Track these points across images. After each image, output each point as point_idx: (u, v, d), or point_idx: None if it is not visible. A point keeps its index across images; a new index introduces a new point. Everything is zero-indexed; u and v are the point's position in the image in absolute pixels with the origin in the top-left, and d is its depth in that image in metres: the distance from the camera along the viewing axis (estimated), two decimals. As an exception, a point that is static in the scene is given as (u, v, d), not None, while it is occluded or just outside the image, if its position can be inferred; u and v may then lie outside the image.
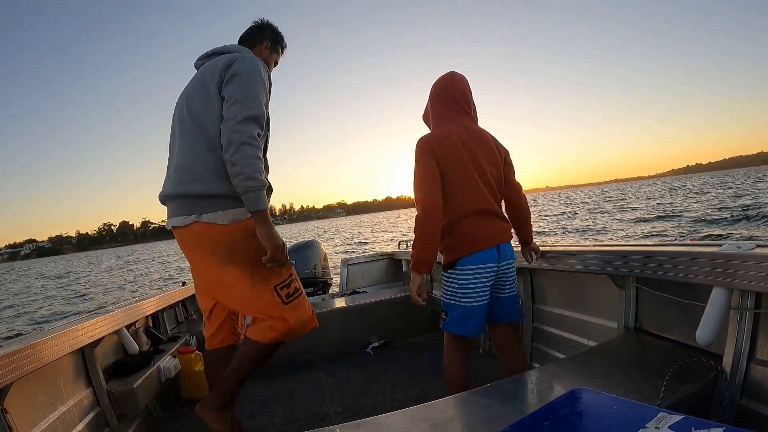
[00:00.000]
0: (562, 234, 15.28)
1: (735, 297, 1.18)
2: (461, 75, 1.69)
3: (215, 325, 1.70)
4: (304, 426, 1.99)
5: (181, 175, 1.47)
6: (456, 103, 1.65)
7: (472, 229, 1.53)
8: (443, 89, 1.67)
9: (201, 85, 1.51)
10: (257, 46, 1.75)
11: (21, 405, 1.43)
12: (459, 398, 1.21)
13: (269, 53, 1.77)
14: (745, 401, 1.15)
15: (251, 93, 1.44)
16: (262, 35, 1.76)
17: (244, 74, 1.46)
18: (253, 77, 1.47)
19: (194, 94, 1.52)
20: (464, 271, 1.54)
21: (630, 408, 0.83)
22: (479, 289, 1.54)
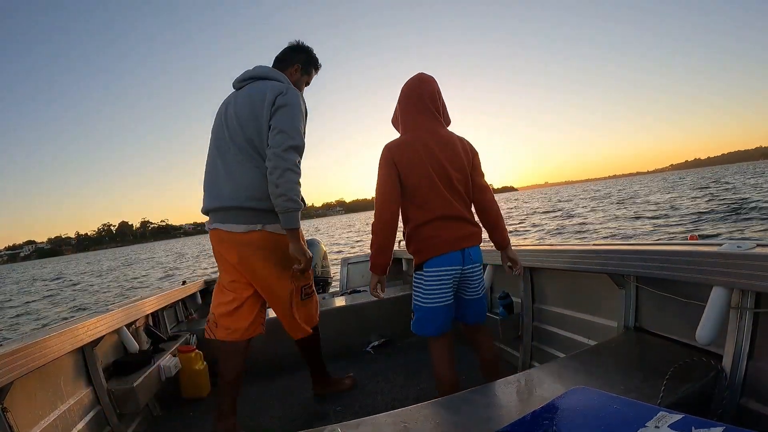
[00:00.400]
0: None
1: (735, 296, 1.19)
2: (430, 77, 1.69)
3: (252, 314, 1.91)
4: (303, 425, 1.99)
5: (247, 193, 1.74)
6: (424, 107, 1.64)
7: (436, 233, 1.56)
8: (410, 93, 1.66)
9: (253, 116, 1.75)
10: (289, 68, 1.97)
11: (21, 404, 1.43)
12: (459, 397, 1.21)
13: (299, 75, 1.99)
14: (744, 400, 1.15)
15: (294, 125, 1.71)
16: (294, 58, 1.98)
17: (289, 106, 1.72)
18: (296, 110, 1.73)
19: (247, 122, 1.76)
20: (429, 274, 1.57)
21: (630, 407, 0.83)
22: (443, 290, 1.57)
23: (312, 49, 2.03)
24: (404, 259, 3.98)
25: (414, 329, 1.65)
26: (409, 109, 1.65)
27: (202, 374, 2.47)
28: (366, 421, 1.11)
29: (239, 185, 1.75)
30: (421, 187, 1.56)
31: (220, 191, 1.79)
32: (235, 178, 1.76)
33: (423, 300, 1.59)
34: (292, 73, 1.97)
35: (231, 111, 1.82)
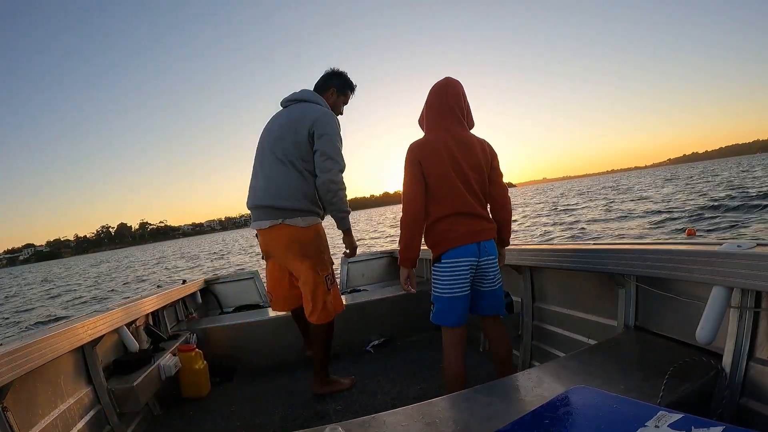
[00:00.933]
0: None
1: (735, 296, 1.18)
2: (456, 81, 1.77)
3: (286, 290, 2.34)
4: (303, 424, 1.99)
5: (274, 193, 2.10)
6: (448, 110, 1.73)
7: (452, 227, 1.65)
8: (437, 95, 1.76)
9: (293, 131, 2.10)
10: (326, 92, 2.31)
11: (21, 403, 1.43)
12: (459, 396, 1.21)
13: (336, 97, 2.33)
14: (744, 400, 1.15)
15: (336, 149, 2.10)
16: (329, 83, 2.33)
17: (331, 134, 2.09)
18: (335, 136, 2.11)
19: (287, 137, 2.11)
20: (446, 265, 1.65)
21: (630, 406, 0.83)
22: (460, 281, 1.65)
23: (346, 73, 2.37)
24: None
25: (434, 320, 1.71)
26: (433, 111, 1.75)
27: (202, 373, 2.47)
28: (366, 420, 1.11)
29: (269, 187, 2.11)
30: (440, 184, 1.66)
31: (255, 192, 2.17)
32: (268, 181, 2.12)
33: (442, 291, 1.67)
34: (329, 96, 2.31)
35: (275, 125, 2.19)
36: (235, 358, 2.87)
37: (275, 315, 3.05)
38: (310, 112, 2.11)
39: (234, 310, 3.73)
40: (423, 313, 3.17)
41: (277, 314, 3.05)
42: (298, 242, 2.13)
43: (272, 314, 3.08)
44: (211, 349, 2.79)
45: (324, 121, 2.09)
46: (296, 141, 2.08)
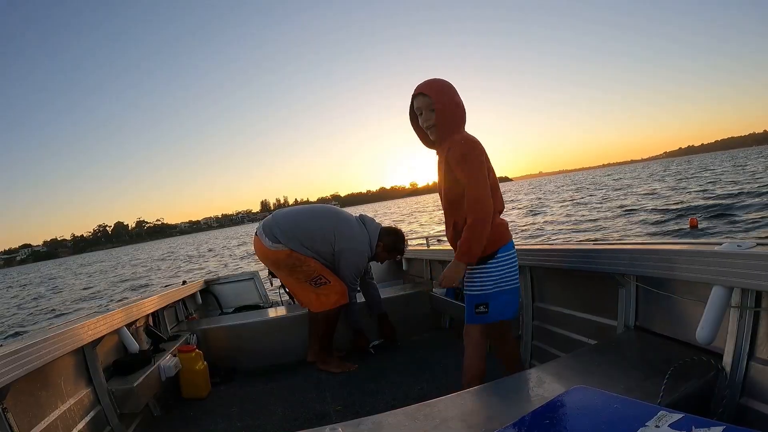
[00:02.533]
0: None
1: (735, 295, 1.18)
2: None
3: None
4: (304, 424, 1.99)
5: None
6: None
7: (504, 222, 1.71)
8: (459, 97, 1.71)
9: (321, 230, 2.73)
10: (377, 241, 2.81)
11: (22, 404, 1.43)
12: (459, 396, 1.21)
13: (381, 251, 2.84)
14: (745, 400, 1.15)
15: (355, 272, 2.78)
16: (384, 238, 2.83)
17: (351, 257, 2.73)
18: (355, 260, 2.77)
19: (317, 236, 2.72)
20: (505, 257, 1.66)
21: (630, 406, 0.83)
22: (516, 272, 1.69)
23: (402, 237, 2.90)
24: (404, 259, 3.98)
25: (492, 318, 1.66)
26: (462, 111, 1.70)
27: (202, 374, 2.47)
28: (366, 421, 1.11)
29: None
30: (493, 180, 1.66)
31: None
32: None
33: (503, 283, 1.65)
34: (378, 247, 2.81)
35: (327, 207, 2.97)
36: (235, 358, 2.87)
37: (275, 315, 3.05)
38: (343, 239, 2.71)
39: (234, 310, 3.73)
40: (424, 314, 3.19)
41: (277, 315, 3.05)
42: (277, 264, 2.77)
43: (272, 315, 3.08)
44: (211, 350, 2.79)
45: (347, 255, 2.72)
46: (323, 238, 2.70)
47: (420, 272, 3.67)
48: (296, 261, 2.65)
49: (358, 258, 2.73)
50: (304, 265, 2.67)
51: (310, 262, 2.68)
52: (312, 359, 2.76)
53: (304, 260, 2.67)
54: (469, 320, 1.70)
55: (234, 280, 4.06)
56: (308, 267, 2.67)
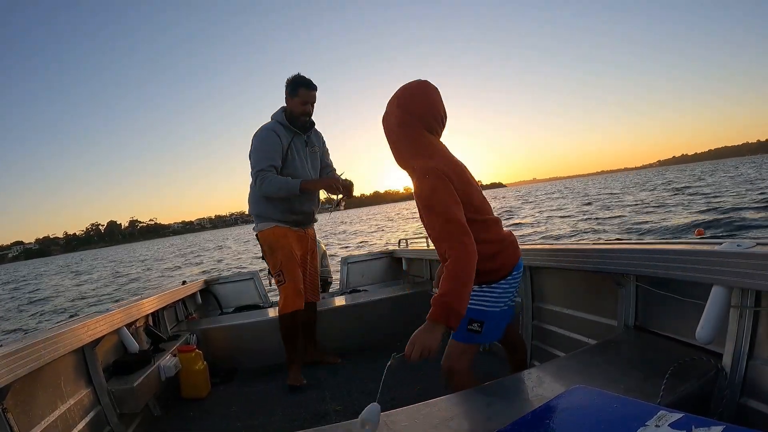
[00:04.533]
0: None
1: (735, 295, 1.18)
2: (434, 86, 1.43)
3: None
4: (304, 424, 1.99)
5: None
6: (439, 126, 1.42)
7: (513, 238, 1.54)
8: (423, 106, 1.38)
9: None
10: (286, 99, 2.56)
11: (21, 404, 1.43)
12: (459, 396, 1.21)
13: (290, 100, 2.52)
14: (744, 399, 1.15)
15: (254, 159, 2.49)
16: (286, 90, 2.54)
17: (252, 149, 2.51)
18: (253, 150, 2.50)
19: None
20: (515, 276, 1.49)
21: (630, 406, 0.83)
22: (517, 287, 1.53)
23: (297, 75, 2.50)
24: (404, 259, 3.98)
25: (484, 339, 1.46)
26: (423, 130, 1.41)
27: (201, 374, 2.47)
28: None
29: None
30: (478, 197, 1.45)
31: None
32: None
33: (508, 300, 1.48)
34: (287, 102, 2.54)
35: None
36: (235, 358, 2.87)
37: (275, 315, 3.05)
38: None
39: (234, 310, 3.73)
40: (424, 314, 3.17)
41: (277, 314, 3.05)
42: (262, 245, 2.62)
43: (272, 315, 3.08)
44: (211, 350, 2.79)
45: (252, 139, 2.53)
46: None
47: (420, 272, 3.67)
48: (264, 244, 2.58)
49: (257, 136, 2.50)
50: (272, 252, 2.55)
51: (278, 252, 2.53)
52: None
53: (273, 246, 2.54)
54: (458, 337, 1.44)
55: (234, 280, 4.06)
56: (275, 257, 2.54)
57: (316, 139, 2.71)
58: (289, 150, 2.50)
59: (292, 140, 2.52)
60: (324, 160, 2.78)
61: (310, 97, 2.51)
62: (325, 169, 2.77)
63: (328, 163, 2.80)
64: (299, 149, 2.56)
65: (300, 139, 2.58)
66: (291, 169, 2.51)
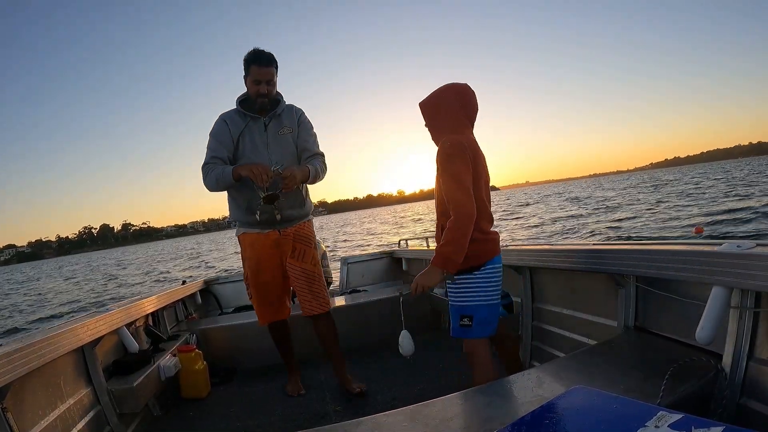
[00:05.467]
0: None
1: (735, 296, 1.18)
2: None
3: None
4: (303, 425, 1.99)
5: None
6: (472, 115, 1.67)
7: (493, 236, 1.64)
8: (465, 98, 1.67)
9: None
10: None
11: (21, 404, 1.43)
12: (459, 397, 1.21)
13: (245, 80, 2.19)
14: (744, 400, 1.15)
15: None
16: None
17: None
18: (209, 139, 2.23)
19: None
20: (492, 270, 1.60)
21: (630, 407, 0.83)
22: (499, 286, 1.64)
23: (253, 49, 2.15)
24: (404, 259, 3.98)
25: (475, 334, 1.60)
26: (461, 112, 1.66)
27: (201, 374, 2.47)
28: (366, 421, 1.11)
29: None
30: (478, 187, 1.60)
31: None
32: None
33: (484, 298, 1.59)
34: (245, 83, 2.21)
35: None
36: (235, 358, 2.87)
37: None
38: None
39: (234, 310, 3.73)
40: (423, 314, 3.19)
41: None
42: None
43: None
44: (211, 350, 2.79)
45: None
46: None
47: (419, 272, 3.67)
48: (242, 250, 2.36)
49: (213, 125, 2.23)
50: (242, 263, 2.38)
51: (244, 264, 2.35)
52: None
53: (242, 256, 2.36)
54: (454, 333, 1.66)
55: (234, 280, 4.06)
56: (243, 269, 2.38)
57: (288, 118, 2.26)
58: (240, 138, 2.18)
59: (246, 126, 2.18)
60: (302, 142, 2.27)
61: (263, 75, 2.12)
62: (304, 153, 2.28)
63: (306, 147, 2.28)
64: (254, 135, 2.19)
65: (257, 123, 2.20)
66: (244, 160, 2.17)
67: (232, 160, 2.19)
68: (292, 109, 2.30)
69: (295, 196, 2.25)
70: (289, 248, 2.29)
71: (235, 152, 2.19)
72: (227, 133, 2.17)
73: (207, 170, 2.15)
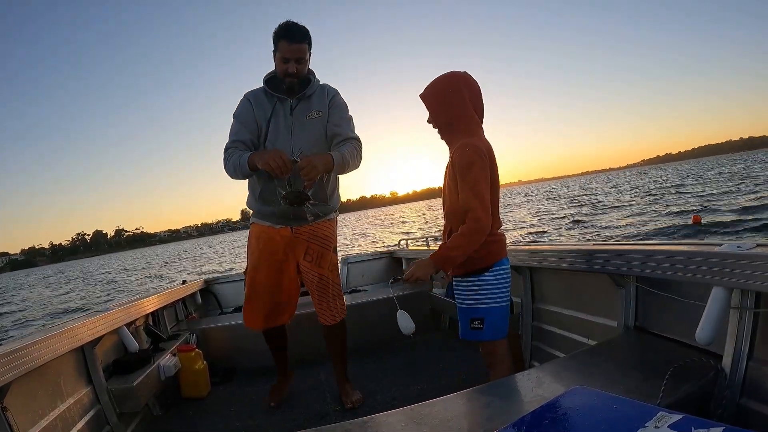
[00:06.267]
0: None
1: (735, 296, 1.18)
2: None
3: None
4: (303, 424, 1.99)
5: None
6: (480, 111, 1.61)
7: (502, 237, 1.64)
8: (474, 90, 1.57)
9: None
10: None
11: (21, 403, 1.43)
12: (459, 396, 1.21)
13: (275, 57, 1.97)
14: (744, 400, 1.15)
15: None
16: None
17: None
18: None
19: None
20: (501, 270, 1.58)
21: (630, 407, 0.83)
22: (508, 288, 1.61)
23: (285, 22, 1.92)
24: (404, 259, 3.98)
25: (488, 336, 1.57)
26: (473, 110, 1.59)
27: (201, 374, 2.47)
28: (366, 421, 1.11)
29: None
30: (494, 194, 1.59)
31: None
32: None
33: (495, 299, 1.57)
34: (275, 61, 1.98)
35: None
36: (235, 358, 2.87)
37: None
38: None
39: (234, 310, 3.73)
40: (423, 314, 3.19)
41: None
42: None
43: None
44: (211, 350, 2.79)
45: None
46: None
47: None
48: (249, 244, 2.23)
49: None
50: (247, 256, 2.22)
51: (247, 258, 2.18)
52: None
53: (247, 249, 2.19)
54: (464, 335, 1.62)
55: (234, 279, 4.06)
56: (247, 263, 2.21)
57: (318, 100, 2.03)
58: (265, 121, 1.98)
59: (274, 108, 1.99)
60: (332, 127, 2.02)
61: (292, 52, 1.89)
62: (335, 138, 2.01)
63: (338, 132, 2.01)
64: (279, 119, 1.98)
65: (284, 105, 1.99)
66: (271, 144, 1.98)
67: (256, 144, 2.00)
68: (324, 90, 2.06)
69: (318, 189, 2.00)
70: (302, 249, 2.08)
71: (259, 136, 2.00)
72: (251, 114, 1.98)
73: (227, 156, 1.96)
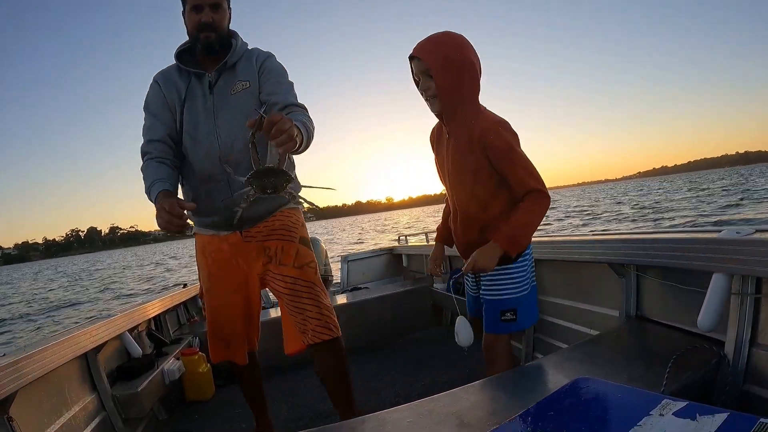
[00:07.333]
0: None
1: (735, 282, 1.19)
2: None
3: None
4: (308, 424, 2.00)
5: None
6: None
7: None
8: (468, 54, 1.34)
9: None
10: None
11: (26, 412, 1.43)
12: (464, 390, 1.21)
13: (185, 14, 1.48)
14: (747, 386, 1.16)
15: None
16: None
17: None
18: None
19: None
20: (530, 256, 1.49)
21: (634, 396, 0.83)
22: (534, 274, 1.52)
23: None
24: (404, 255, 3.98)
25: (521, 325, 1.47)
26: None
27: (205, 377, 2.47)
28: (371, 418, 1.11)
29: None
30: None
31: None
32: None
33: (527, 287, 1.47)
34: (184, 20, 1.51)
35: None
36: None
37: (276, 316, 3.05)
38: None
39: None
40: (425, 310, 3.20)
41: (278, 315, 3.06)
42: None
43: (272, 315, 3.08)
44: None
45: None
46: None
47: (420, 268, 3.67)
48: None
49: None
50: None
51: (198, 275, 1.78)
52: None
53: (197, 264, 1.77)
54: (493, 329, 1.45)
55: None
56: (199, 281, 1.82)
57: (245, 68, 1.51)
58: (185, 104, 1.49)
59: (188, 87, 1.50)
60: (266, 95, 1.49)
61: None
62: (272, 109, 1.44)
63: (275, 100, 1.46)
64: (197, 99, 1.49)
65: (203, 80, 1.50)
66: (189, 137, 1.50)
67: (176, 139, 1.52)
68: (252, 55, 1.54)
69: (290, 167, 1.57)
70: (258, 258, 1.58)
71: (176, 127, 1.52)
72: (162, 102, 1.50)
73: (142, 168, 1.46)
